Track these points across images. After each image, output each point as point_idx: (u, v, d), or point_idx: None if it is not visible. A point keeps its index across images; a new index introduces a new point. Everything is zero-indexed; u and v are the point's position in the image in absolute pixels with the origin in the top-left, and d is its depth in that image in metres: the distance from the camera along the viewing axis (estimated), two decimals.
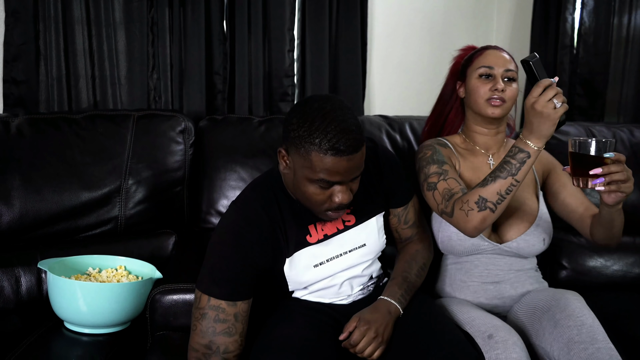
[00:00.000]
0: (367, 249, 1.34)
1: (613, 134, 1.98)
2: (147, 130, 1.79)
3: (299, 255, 1.27)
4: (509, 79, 1.46)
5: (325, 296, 1.36)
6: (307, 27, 2.26)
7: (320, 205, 1.17)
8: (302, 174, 1.13)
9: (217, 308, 1.17)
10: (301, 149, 1.11)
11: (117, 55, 2.04)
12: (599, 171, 1.15)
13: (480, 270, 1.49)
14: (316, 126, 1.09)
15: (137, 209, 1.74)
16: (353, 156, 1.11)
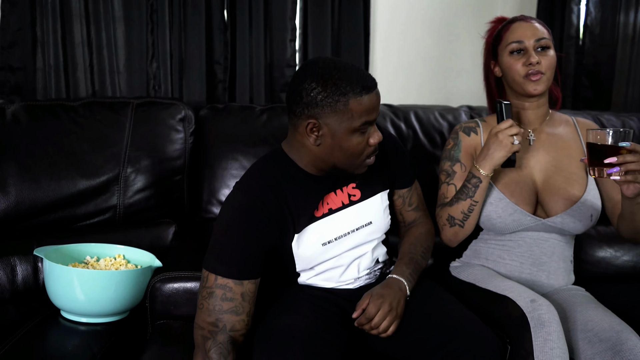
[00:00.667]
0: (374, 227, 1.34)
1: (622, 122, 1.94)
2: (146, 118, 1.75)
3: (306, 232, 1.26)
4: (542, 48, 1.41)
5: (331, 279, 1.34)
6: (309, 17, 2.23)
7: (361, 154, 1.20)
8: (343, 130, 1.16)
9: (224, 287, 1.16)
10: (336, 104, 1.13)
11: (116, 44, 2.00)
12: (614, 160, 1.15)
13: (523, 251, 1.46)
14: (339, 78, 1.13)
15: (136, 198, 1.70)
16: (377, 90, 1.18)
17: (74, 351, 1.22)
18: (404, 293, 1.28)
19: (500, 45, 1.46)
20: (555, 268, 1.46)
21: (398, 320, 1.24)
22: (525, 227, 1.44)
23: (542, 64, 1.39)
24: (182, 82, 2.10)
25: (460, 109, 2.06)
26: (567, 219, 1.42)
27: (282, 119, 1.89)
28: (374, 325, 1.22)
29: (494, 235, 1.51)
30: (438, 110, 2.01)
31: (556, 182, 1.44)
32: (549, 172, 1.45)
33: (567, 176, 1.44)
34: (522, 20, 1.45)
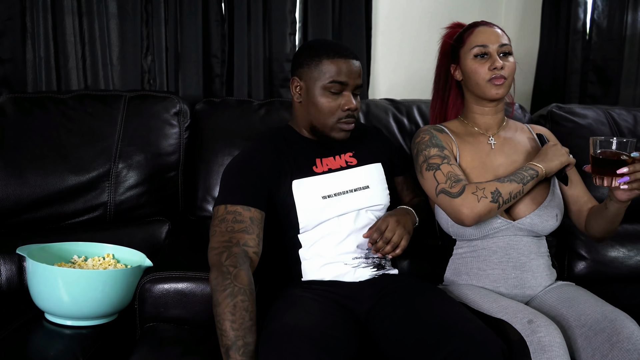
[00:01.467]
0: (371, 191, 1.43)
1: (634, 117, 1.87)
2: (139, 111, 1.68)
3: (306, 182, 1.37)
4: (504, 54, 1.43)
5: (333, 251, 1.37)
6: (309, 10, 2.16)
7: (333, 114, 1.36)
8: (315, 86, 1.35)
9: (234, 212, 1.27)
10: (312, 63, 1.36)
11: (109, 36, 1.93)
12: (626, 170, 1.19)
13: (500, 256, 1.41)
14: (322, 45, 1.38)
15: (128, 195, 1.63)
16: (354, 61, 1.36)
17: (56, 356, 1.14)
18: (412, 217, 1.43)
19: (463, 48, 1.46)
20: (537, 265, 1.42)
21: (408, 235, 1.37)
22: (495, 230, 1.40)
23: (505, 70, 1.41)
24: (178, 75, 2.03)
25: None
26: (536, 219, 1.41)
27: (280, 113, 1.82)
28: (385, 238, 1.33)
29: (467, 246, 1.45)
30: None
31: None
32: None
33: None
34: (485, 25, 1.45)
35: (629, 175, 1.19)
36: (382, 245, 1.34)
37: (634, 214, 1.79)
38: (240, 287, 1.14)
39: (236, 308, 1.12)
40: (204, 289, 1.26)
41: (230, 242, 1.21)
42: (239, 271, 1.16)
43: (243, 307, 1.12)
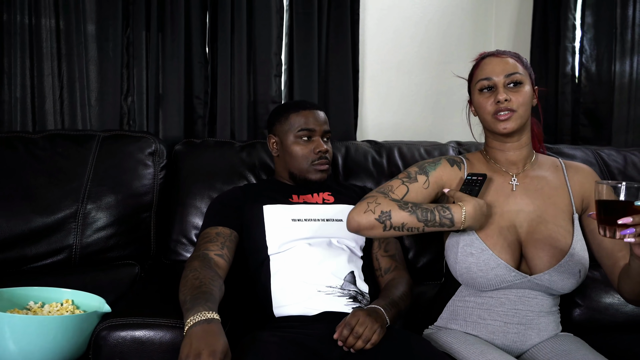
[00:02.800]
0: (345, 225, 1.38)
1: (624, 157, 1.81)
2: (112, 151, 1.64)
3: (278, 207, 1.47)
4: (514, 84, 1.29)
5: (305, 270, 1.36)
6: (294, 52, 2.16)
7: (307, 158, 1.52)
8: (288, 138, 1.54)
9: (203, 235, 1.43)
10: (282, 119, 1.56)
11: (88, 76, 1.91)
12: (629, 220, 1.00)
13: (507, 309, 1.28)
14: (288, 104, 1.63)
15: (96, 237, 1.56)
16: (317, 112, 1.55)
17: None
18: (382, 317, 1.27)
19: (472, 83, 1.37)
20: (545, 323, 1.30)
21: (380, 329, 1.22)
22: (509, 284, 1.27)
23: (513, 101, 1.28)
24: (159, 117, 2.00)
25: (449, 145, 1.93)
26: (555, 276, 1.26)
27: (261, 155, 1.79)
28: (355, 333, 1.19)
29: (473, 293, 1.33)
30: (424, 147, 1.89)
31: (541, 234, 1.29)
32: (533, 222, 1.31)
33: (553, 228, 1.30)
34: (493, 56, 1.34)
35: (634, 227, 1.00)
36: (353, 341, 1.19)
37: None
38: (192, 267, 1.27)
39: (187, 281, 1.22)
40: (163, 336, 1.17)
41: (196, 252, 1.37)
42: (193, 260, 1.31)
43: (192, 278, 1.22)
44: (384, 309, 1.29)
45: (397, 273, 1.49)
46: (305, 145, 1.52)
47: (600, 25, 2.25)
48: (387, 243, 1.52)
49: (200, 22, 2.04)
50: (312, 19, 2.15)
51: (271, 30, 2.12)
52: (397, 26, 2.40)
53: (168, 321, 1.18)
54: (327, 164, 1.54)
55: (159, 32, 1.99)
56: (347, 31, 2.22)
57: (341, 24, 2.21)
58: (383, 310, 1.29)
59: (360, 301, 1.38)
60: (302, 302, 1.33)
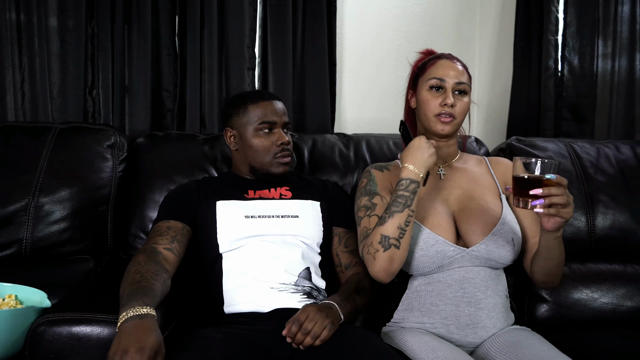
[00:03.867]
0: (301, 221, 1.42)
1: (597, 149, 1.76)
2: (68, 144, 1.61)
3: (232, 203, 1.43)
4: (460, 92, 1.39)
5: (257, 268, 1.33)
6: (269, 45, 2.12)
7: (268, 151, 1.46)
8: (248, 131, 1.47)
9: (154, 228, 1.39)
10: (239, 111, 1.49)
11: (50, 68, 1.87)
12: (539, 192, 1.12)
13: (455, 290, 1.31)
14: (244, 94, 1.55)
15: (48, 231, 1.52)
16: (276, 102, 1.50)
17: None
18: (336, 313, 1.22)
19: (422, 77, 1.43)
20: (493, 304, 1.31)
21: (330, 326, 1.17)
22: (450, 259, 1.31)
23: (457, 108, 1.37)
24: (125, 110, 1.96)
25: None
26: (491, 244, 1.32)
27: (224, 148, 1.75)
28: (304, 329, 1.14)
29: (423, 282, 1.35)
30: (393, 139, 1.85)
31: (472, 210, 1.37)
32: (463, 202, 1.39)
33: (483, 203, 1.38)
34: (449, 59, 1.42)
35: (543, 198, 1.11)
36: (302, 337, 1.15)
37: (598, 254, 1.67)
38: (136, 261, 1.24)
39: (128, 275, 1.20)
40: (100, 332, 1.12)
41: (142, 247, 1.33)
42: (139, 254, 1.28)
43: (134, 272, 1.20)
44: (338, 304, 1.25)
45: (358, 269, 1.44)
46: (266, 138, 1.46)
47: (583, 19, 2.21)
48: (347, 238, 1.48)
49: (169, 14, 2.00)
50: (287, 11, 2.12)
51: (244, 22, 2.08)
52: (378, 19, 2.36)
53: (106, 317, 1.14)
54: (290, 156, 1.49)
55: (125, 24, 1.95)
56: (323, 23, 2.17)
57: (317, 16, 2.17)
58: (337, 306, 1.24)
59: (315, 297, 1.34)
60: (254, 299, 1.30)
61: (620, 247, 1.63)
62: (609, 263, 1.64)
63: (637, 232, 1.63)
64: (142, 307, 1.06)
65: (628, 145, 1.79)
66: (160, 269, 1.24)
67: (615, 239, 1.62)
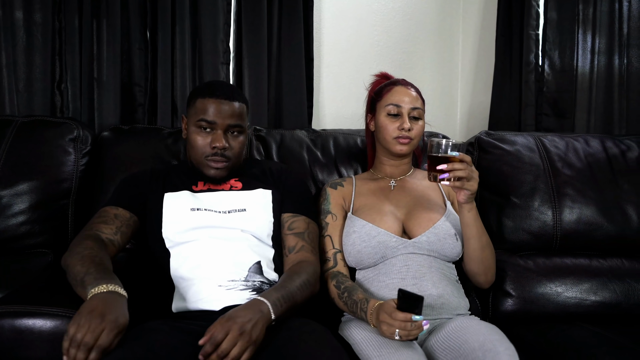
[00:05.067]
0: (248, 215, 1.38)
1: (566, 143, 1.74)
2: (29, 137, 1.59)
3: (179, 195, 1.40)
4: (415, 118, 1.51)
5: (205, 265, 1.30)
6: (243, 39, 2.10)
7: (202, 150, 1.38)
8: (191, 123, 1.41)
9: (100, 213, 1.36)
10: (191, 102, 1.42)
11: (16, 61, 1.85)
12: (444, 167, 1.30)
13: (399, 268, 1.39)
14: (202, 86, 1.44)
15: (6, 224, 1.51)
16: (228, 102, 1.38)
17: None
18: (266, 316, 1.13)
19: (380, 102, 1.54)
20: (439, 278, 1.38)
21: (253, 346, 1.08)
22: (393, 249, 1.40)
23: (413, 131, 1.50)
24: (94, 104, 1.95)
25: None
26: (432, 237, 1.41)
27: None
28: (220, 353, 1.05)
29: (366, 272, 1.44)
30: (361, 137, 1.83)
31: (417, 211, 1.48)
32: (409, 206, 1.50)
33: (427, 206, 1.49)
34: (404, 86, 1.53)
35: (449, 172, 1.29)
36: (215, 358, 1.06)
37: (564, 248, 1.66)
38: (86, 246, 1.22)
39: (84, 256, 1.18)
40: (43, 325, 1.11)
41: (87, 230, 1.31)
42: (85, 239, 1.26)
43: (91, 255, 1.18)
44: (272, 304, 1.16)
45: (303, 255, 1.37)
46: (204, 137, 1.38)
47: (563, 13, 2.20)
48: (292, 222, 1.43)
49: (138, 7, 1.98)
50: (262, 5, 2.10)
51: (217, 16, 2.06)
52: (357, 14, 2.34)
53: (50, 309, 1.13)
54: (224, 162, 1.39)
55: (94, 18, 1.93)
56: (299, 18, 2.15)
57: (293, 11, 2.15)
58: (269, 306, 1.15)
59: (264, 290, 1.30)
60: (203, 298, 1.27)
61: (586, 242, 1.62)
62: (575, 257, 1.62)
63: (603, 226, 1.61)
64: (121, 289, 1.09)
65: (598, 139, 1.77)
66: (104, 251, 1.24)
67: (581, 233, 1.61)
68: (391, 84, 1.55)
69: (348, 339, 1.25)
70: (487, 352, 1.08)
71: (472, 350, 1.11)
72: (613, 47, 2.14)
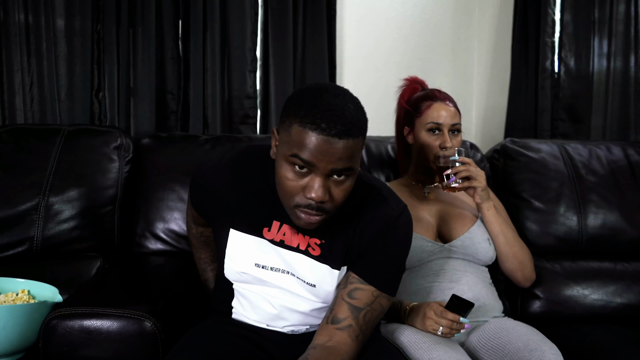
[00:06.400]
0: (317, 290, 1.15)
1: (589, 151, 1.82)
2: (76, 145, 1.66)
3: (246, 239, 1.15)
4: (454, 132, 1.55)
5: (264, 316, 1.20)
6: (270, 47, 2.16)
7: (292, 195, 1.01)
8: (282, 152, 1.01)
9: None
10: (286, 121, 1.00)
11: (58, 71, 1.92)
12: (449, 171, 1.45)
13: (435, 271, 1.45)
14: (307, 102, 0.99)
15: (58, 229, 1.58)
16: (336, 141, 0.96)
17: None
18: None
19: (419, 119, 1.57)
20: (474, 281, 1.44)
21: None
22: (429, 254, 1.45)
23: (453, 146, 1.53)
24: (131, 112, 2.01)
25: None
26: (467, 241, 1.47)
27: (225, 148, 1.79)
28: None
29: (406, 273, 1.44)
30: (391, 144, 1.90)
31: (451, 216, 1.54)
32: (443, 212, 1.55)
33: (460, 212, 1.55)
34: (442, 101, 1.56)
35: (454, 175, 1.43)
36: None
37: (589, 252, 1.73)
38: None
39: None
40: (110, 326, 1.18)
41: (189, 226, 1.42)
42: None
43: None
44: None
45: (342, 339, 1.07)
46: (297, 178, 1.00)
47: (579, 20, 2.25)
48: (356, 289, 1.10)
49: (172, 17, 2.05)
50: (287, 14, 2.16)
51: (245, 25, 2.12)
52: (377, 22, 2.40)
53: (116, 311, 1.19)
54: (320, 216, 1.02)
55: (130, 27, 1.99)
56: (323, 26, 2.21)
57: (317, 19, 2.21)
58: None
59: None
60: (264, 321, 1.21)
61: (610, 246, 1.69)
62: (600, 261, 1.69)
63: (626, 231, 1.69)
64: None
65: (619, 146, 1.84)
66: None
67: (605, 237, 1.68)
68: (429, 98, 1.57)
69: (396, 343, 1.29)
70: (533, 352, 1.14)
71: (518, 350, 1.17)
72: (629, 52, 2.19)
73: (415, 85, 1.67)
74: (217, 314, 1.28)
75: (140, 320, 1.18)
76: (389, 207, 1.12)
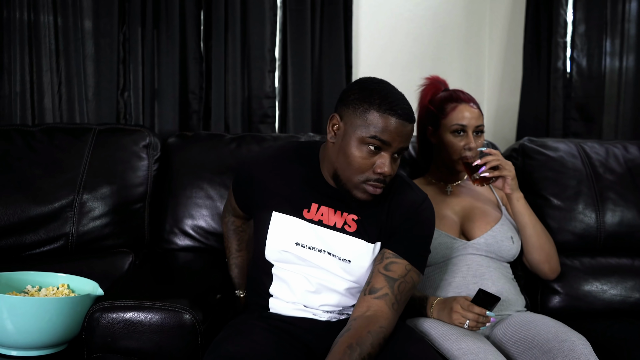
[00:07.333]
0: (352, 266, 1.27)
1: (606, 149, 1.86)
2: (107, 143, 1.70)
3: (287, 220, 1.28)
4: (479, 132, 1.59)
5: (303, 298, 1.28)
6: (288, 48, 2.20)
7: (362, 172, 1.18)
8: (355, 135, 1.17)
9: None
10: (359, 108, 1.16)
11: (85, 72, 1.96)
12: (478, 162, 1.48)
13: (460, 267, 1.49)
14: (377, 91, 1.17)
15: (91, 226, 1.62)
16: (405, 124, 1.16)
17: None
18: None
19: (444, 120, 1.58)
20: (497, 276, 1.48)
21: None
22: (452, 250, 1.49)
23: (477, 146, 1.56)
24: (155, 111, 2.06)
25: None
26: (490, 239, 1.51)
27: (251, 147, 1.84)
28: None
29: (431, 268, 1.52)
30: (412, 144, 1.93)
31: (475, 214, 1.57)
32: (466, 209, 1.59)
33: (484, 209, 1.58)
34: (467, 103, 1.58)
35: (484, 166, 1.46)
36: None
37: (607, 249, 1.77)
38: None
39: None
40: (152, 318, 1.23)
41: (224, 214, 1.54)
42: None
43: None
44: None
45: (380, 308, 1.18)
46: (368, 156, 1.16)
47: (591, 20, 2.28)
48: (391, 262, 1.23)
49: (194, 19, 2.09)
50: (305, 16, 2.20)
51: (265, 27, 2.17)
52: (390, 23, 2.43)
53: (157, 304, 1.24)
54: (382, 188, 1.20)
55: (154, 28, 2.04)
56: (340, 27, 2.26)
57: (334, 21, 2.25)
58: None
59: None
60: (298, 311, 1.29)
61: (628, 243, 1.74)
62: (618, 257, 1.74)
63: None
64: None
65: (635, 145, 1.89)
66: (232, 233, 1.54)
67: (623, 234, 1.73)
68: (454, 100, 1.58)
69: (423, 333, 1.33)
70: (562, 342, 1.18)
71: (547, 341, 1.21)
72: None
73: (437, 84, 1.68)
74: (254, 308, 1.33)
75: (180, 312, 1.23)
76: (414, 193, 1.30)
